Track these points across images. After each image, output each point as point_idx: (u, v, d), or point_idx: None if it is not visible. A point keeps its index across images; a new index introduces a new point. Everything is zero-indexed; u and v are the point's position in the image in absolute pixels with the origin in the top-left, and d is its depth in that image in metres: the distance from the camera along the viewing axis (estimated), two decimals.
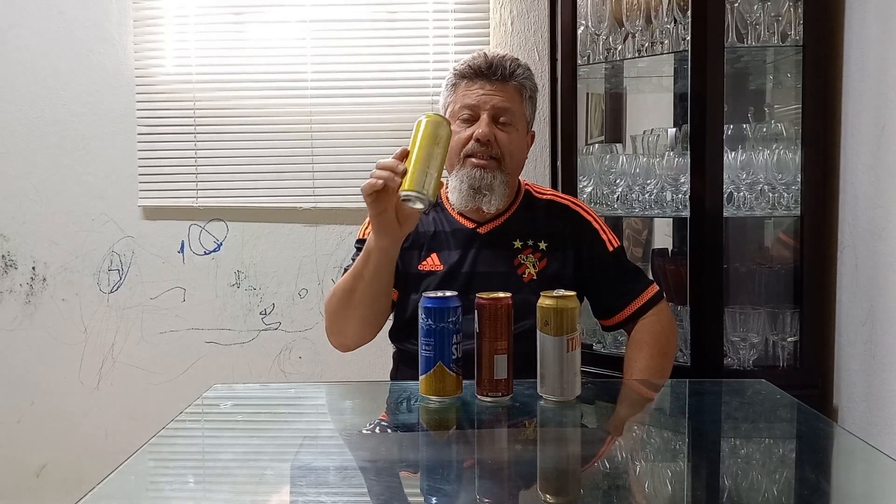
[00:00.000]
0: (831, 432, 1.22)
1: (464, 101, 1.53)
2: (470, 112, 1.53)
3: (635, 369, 1.53)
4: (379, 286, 1.46)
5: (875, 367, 1.64)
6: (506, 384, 1.20)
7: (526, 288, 1.51)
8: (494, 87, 1.52)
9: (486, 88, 1.52)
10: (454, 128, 1.53)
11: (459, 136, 1.52)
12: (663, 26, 1.89)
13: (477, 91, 1.52)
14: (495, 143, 1.51)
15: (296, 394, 1.55)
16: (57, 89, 2.47)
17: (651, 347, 1.55)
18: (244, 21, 2.42)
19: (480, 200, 1.52)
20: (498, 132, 1.52)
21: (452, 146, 1.53)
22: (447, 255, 1.56)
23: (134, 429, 2.41)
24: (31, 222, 2.50)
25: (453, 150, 1.53)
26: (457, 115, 1.54)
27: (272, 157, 2.43)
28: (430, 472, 1.02)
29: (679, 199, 1.89)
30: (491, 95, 1.52)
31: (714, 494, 0.98)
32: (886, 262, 1.59)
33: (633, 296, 1.59)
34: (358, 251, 1.62)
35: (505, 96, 1.52)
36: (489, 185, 1.51)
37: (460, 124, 1.53)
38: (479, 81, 1.52)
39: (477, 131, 1.51)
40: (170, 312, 2.50)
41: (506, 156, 1.53)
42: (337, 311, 1.51)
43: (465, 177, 1.52)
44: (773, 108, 2.06)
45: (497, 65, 1.52)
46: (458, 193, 1.53)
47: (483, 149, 1.51)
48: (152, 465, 1.06)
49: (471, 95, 1.52)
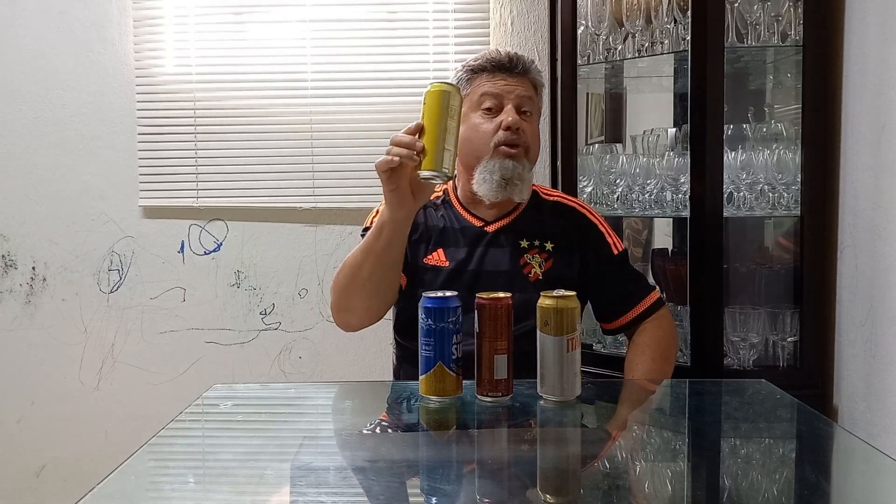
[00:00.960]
0: (831, 432, 1.21)
1: (486, 89, 1.54)
2: (494, 101, 1.53)
3: (637, 372, 1.53)
4: (389, 260, 1.45)
5: (875, 367, 1.64)
6: (506, 384, 1.20)
7: (531, 288, 1.51)
8: (516, 80, 1.54)
9: (508, 80, 1.54)
10: (476, 120, 1.54)
11: (484, 126, 1.52)
12: (663, 26, 1.89)
13: (500, 82, 1.54)
14: (523, 131, 1.52)
15: (296, 394, 1.55)
16: (57, 89, 2.47)
17: (653, 351, 1.56)
18: (244, 21, 2.42)
19: (511, 191, 1.51)
20: (523, 122, 1.53)
21: (479, 138, 1.52)
22: (454, 252, 1.56)
23: (134, 429, 2.41)
24: (31, 222, 2.50)
25: (481, 142, 1.52)
26: (478, 104, 1.54)
27: (272, 156, 2.44)
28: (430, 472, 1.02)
29: (679, 199, 1.89)
30: (514, 86, 1.54)
31: (714, 494, 0.98)
32: (886, 262, 1.59)
33: (636, 301, 1.59)
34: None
35: (525, 88, 1.55)
36: (520, 175, 1.51)
37: (482, 114, 1.53)
38: (500, 74, 1.54)
39: (507, 119, 1.51)
40: (170, 312, 2.50)
41: (531, 146, 1.55)
42: (345, 286, 1.48)
43: (497, 167, 1.50)
44: (773, 108, 2.06)
45: (516, 59, 1.55)
46: (487, 184, 1.51)
47: (514, 137, 1.51)
48: (152, 465, 1.06)
49: (493, 85, 1.54)
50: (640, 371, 1.53)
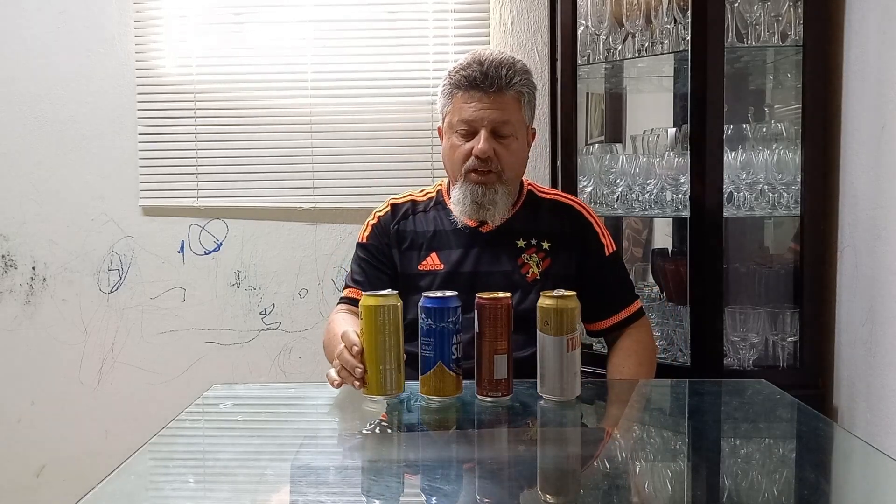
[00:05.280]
0: (831, 432, 1.22)
1: (461, 114, 1.51)
2: (467, 128, 1.51)
3: (624, 376, 1.54)
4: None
5: (875, 367, 1.64)
6: (506, 384, 1.20)
7: (530, 288, 1.51)
8: (491, 100, 1.48)
9: (483, 102, 1.49)
10: (454, 140, 1.53)
11: (459, 149, 1.52)
12: (663, 26, 1.89)
13: (474, 105, 1.49)
14: (495, 158, 1.51)
15: (296, 394, 1.56)
16: (57, 89, 2.47)
17: (639, 356, 1.57)
18: (245, 21, 2.42)
19: (484, 214, 1.54)
20: (497, 146, 1.51)
21: (454, 160, 1.54)
22: (448, 255, 1.56)
23: (134, 429, 2.41)
24: (31, 222, 2.50)
25: (455, 164, 1.54)
26: (455, 127, 1.53)
27: (272, 156, 2.43)
28: (430, 472, 1.02)
29: (679, 199, 1.89)
30: (488, 110, 1.49)
31: (714, 494, 0.98)
32: (886, 262, 1.59)
33: (621, 306, 1.60)
34: (359, 258, 1.63)
35: (502, 108, 1.49)
36: (491, 199, 1.52)
37: (459, 138, 1.53)
38: (475, 94, 1.49)
39: (476, 147, 1.49)
40: (170, 312, 2.50)
41: (506, 169, 1.53)
42: (329, 358, 1.50)
43: (468, 192, 1.52)
44: (773, 108, 2.06)
45: (493, 75, 1.48)
46: (461, 206, 1.54)
47: (483, 165, 1.50)
48: (152, 465, 1.06)
49: (467, 110, 1.50)
50: (628, 374, 1.54)
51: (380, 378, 1.21)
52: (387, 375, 1.21)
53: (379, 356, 1.21)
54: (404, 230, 1.60)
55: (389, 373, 1.21)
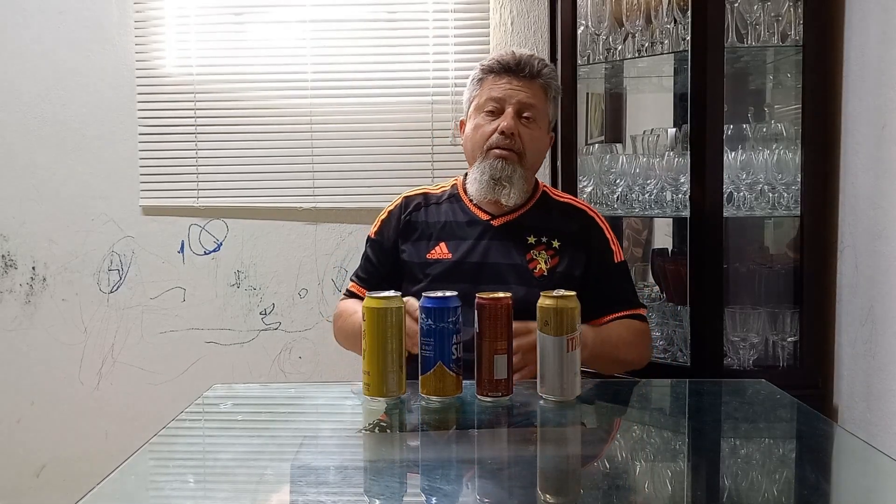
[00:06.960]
0: (831, 432, 1.22)
1: (490, 93, 1.56)
2: (496, 104, 1.55)
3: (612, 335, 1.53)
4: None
5: (875, 367, 1.64)
6: (506, 384, 1.20)
7: (535, 283, 1.52)
8: (521, 83, 1.55)
9: (513, 83, 1.55)
10: (479, 121, 1.56)
11: (484, 128, 1.56)
12: (663, 26, 1.89)
13: (504, 85, 1.55)
14: (518, 137, 1.54)
15: (296, 394, 1.56)
16: (57, 89, 2.47)
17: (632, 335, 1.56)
18: (244, 21, 2.42)
19: (500, 192, 1.54)
20: (521, 127, 1.54)
21: (476, 139, 1.56)
22: (457, 245, 1.57)
23: (134, 429, 2.41)
24: (31, 222, 2.50)
25: (477, 143, 1.56)
26: (482, 107, 1.57)
27: (272, 156, 2.44)
28: (430, 472, 1.02)
29: (679, 199, 1.89)
30: (517, 90, 1.55)
31: (714, 494, 0.98)
32: (886, 262, 1.59)
33: (625, 306, 1.59)
34: (365, 254, 1.67)
35: (531, 93, 1.55)
36: (509, 176, 1.53)
37: (485, 116, 1.56)
38: (506, 76, 1.56)
39: (502, 124, 1.53)
40: (170, 312, 2.50)
41: (528, 151, 1.55)
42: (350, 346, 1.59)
43: (487, 167, 1.54)
44: (773, 108, 2.06)
45: (525, 62, 1.56)
46: (477, 184, 1.55)
47: (507, 141, 1.53)
48: (152, 465, 1.06)
49: (497, 88, 1.55)
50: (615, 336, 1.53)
51: (383, 380, 1.21)
52: (389, 377, 1.21)
53: (381, 358, 1.21)
54: (415, 220, 1.62)
55: (391, 374, 1.21)
